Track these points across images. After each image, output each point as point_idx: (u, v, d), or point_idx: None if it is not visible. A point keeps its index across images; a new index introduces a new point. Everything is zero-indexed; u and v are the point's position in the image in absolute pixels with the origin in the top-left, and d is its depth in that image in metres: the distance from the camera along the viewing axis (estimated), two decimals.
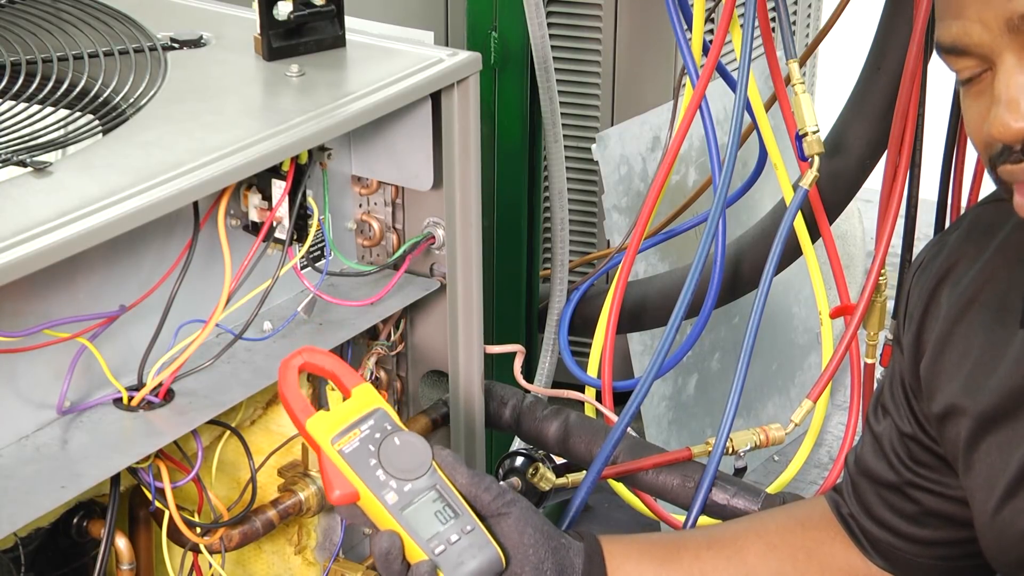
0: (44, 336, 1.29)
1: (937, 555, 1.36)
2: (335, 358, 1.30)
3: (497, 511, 1.27)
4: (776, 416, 2.78)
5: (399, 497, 1.23)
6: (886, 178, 2.01)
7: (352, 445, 1.25)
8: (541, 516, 1.30)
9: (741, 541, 1.40)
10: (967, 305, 1.27)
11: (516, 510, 1.27)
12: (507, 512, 1.27)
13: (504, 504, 1.27)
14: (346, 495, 1.24)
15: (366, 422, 1.26)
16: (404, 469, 1.25)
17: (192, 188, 1.28)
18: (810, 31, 2.91)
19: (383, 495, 1.24)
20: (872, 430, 1.38)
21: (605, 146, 2.40)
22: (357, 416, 1.26)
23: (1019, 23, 1.05)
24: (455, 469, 1.27)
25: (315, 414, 1.26)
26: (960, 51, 1.09)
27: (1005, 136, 1.07)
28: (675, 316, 1.93)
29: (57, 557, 1.46)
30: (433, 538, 1.23)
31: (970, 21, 1.07)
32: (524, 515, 1.27)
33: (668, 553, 1.38)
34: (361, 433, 1.25)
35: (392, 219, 1.63)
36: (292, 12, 1.51)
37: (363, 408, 1.27)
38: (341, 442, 1.25)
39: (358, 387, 1.28)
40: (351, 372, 1.30)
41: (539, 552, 1.27)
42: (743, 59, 1.97)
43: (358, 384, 1.29)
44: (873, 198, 2.23)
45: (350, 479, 1.24)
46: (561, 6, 2.50)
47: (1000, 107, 1.07)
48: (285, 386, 1.27)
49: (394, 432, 1.26)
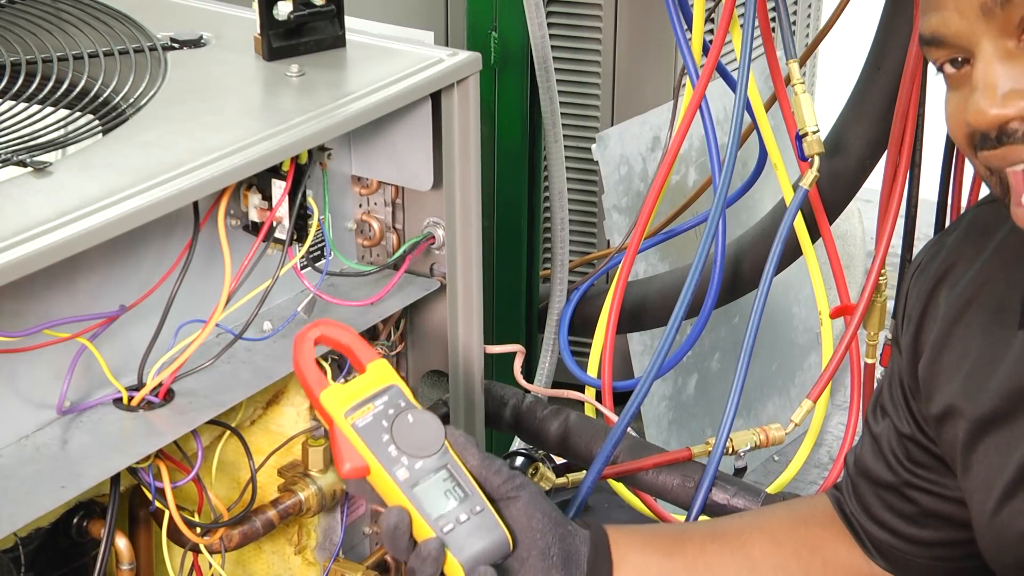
0: (44, 336, 1.29)
1: (936, 556, 1.36)
2: (351, 332, 1.29)
3: (507, 494, 1.27)
4: (776, 416, 2.78)
5: (410, 474, 1.23)
6: (886, 178, 2.02)
7: (365, 419, 1.24)
8: (550, 502, 1.30)
9: (746, 535, 1.40)
10: (965, 306, 1.27)
11: (526, 494, 1.27)
12: (516, 496, 1.27)
13: (514, 488, 1.27)
14: (356, 469, 1.24)
15: (380, 397, 1.26)
16: (416, 446, 1.24)
17: (192, 188, 1.28)
18: (810, 31, 2.91)
19: (394, 471, 1.23)
20: (871, 431, 1.38)
21: (605, 146, 2.40)
22: (371, 391, 1.26)
23: (992, 6, 1.06)
24: (466, 450, 1.26)
25: (329, 386, 1.25)
26: (939, 42, 1.11)
27: (980, 122, 1.09)
28: (675, 316, 1.93)
29: (57, 557, 1.46)
30: (442, 517, 1.23)
31: (948, 11, 1.09)
32: (533, 500, 1.27)
33: (673, 545, 1.39)
34: (375, 408, 1.25)
35: (392, 219, 1.63)
36: (292, 12, 1.51)
37: (378, 383, 1.27)
38: (354, 416, 1.24)
39: (373, 362, 1.28)
40: (367, 347, 1.29)
41: (546, 537, 1.27)
42: (743, 59, 1.97)
43: (373, 359, 1.28)
44: (873, 198, 2.23)
45: (362, 453, 1.23)
46: (561, 6, 2.50)
47: (977, 93, 1.08)
48: (300, 358, 1.27)
49: (407, 409, 1.26)
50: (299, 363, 1.27)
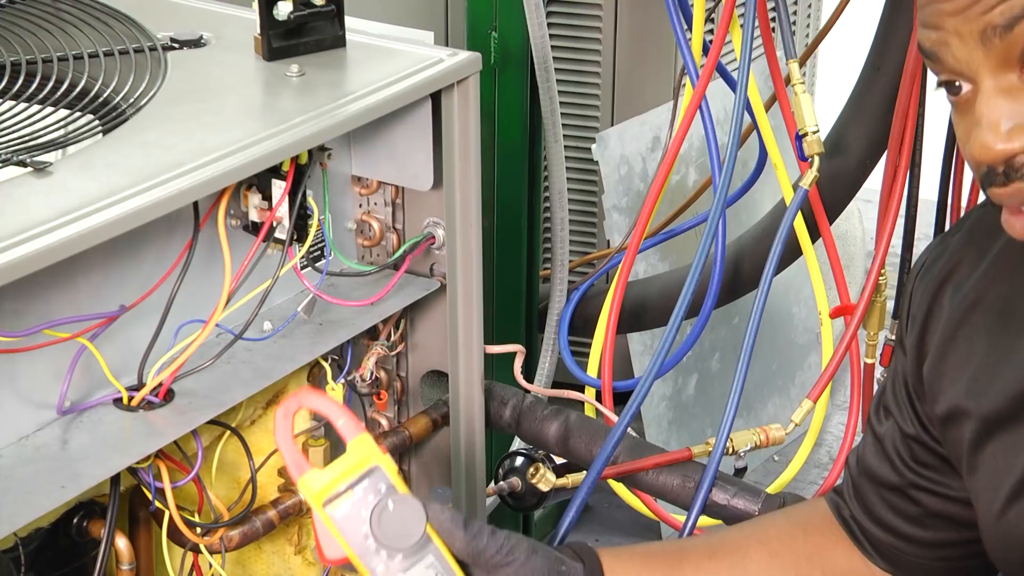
0: (44, 336, 1.29)
1: (939, 556, 1.36)
2: (333, 402, 1.22)
3: (501, 563, 1.25)
4: (776, 416, 2.78)
5: (387, 570, 1.19)
6: (886, 178, 2.01)
7: (343, 510, 1.19)
8: (543, 549, 1.29)
9: (743, 549, 1.40)
10: (970, 308, 1.26)
11: (520, 555, 1.26)
12: (511, 561, 1.26)
13: (507, 554, 1.25)
14: (337, 559, 1.21)
15: (360, 483, 1.20)
16: (396, 536, 1.19)
17: (192, 188, 1.28)
18: (810, 31, 2.91)
19: (373, 566, 1.20)
20: (874, 431, 1.38)
21: (605, 146, 2.40)
22: (352, 476, 1.20)
23: (991, 36, 1.04)
24: (451, 534, 1.24)
25: (308, 470, 1.19)
26: (939, 61, 1.09)
27: (985, 158, 1.07)
28: (675, 316, 1.93)
29: (57, 557, 1.46)
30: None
31: (947, 33, 1.07)
32: (527, 560, 1.27)
33: (670, 565, 1.38)
34: (354, 496, 1.19)
35: (392, 219, 1.63)
36: (292, 12, 1.51)
37: (359, 467, 1.20)
38: (333, 505, 1.19)
39: (355, 439, 1.21)
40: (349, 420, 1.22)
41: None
42: (743, 59, 1.97)
43: (356, 435, 1.21)
44: (873, 198, 2.23)
45: (341, 544, 1.20)
46: (561, 6, 2.50)
47: (981, 130, 1.07)
48: (279, 436, 1.20)
49: (388, 495, 1.20)
50: (278, 441, 1.20)
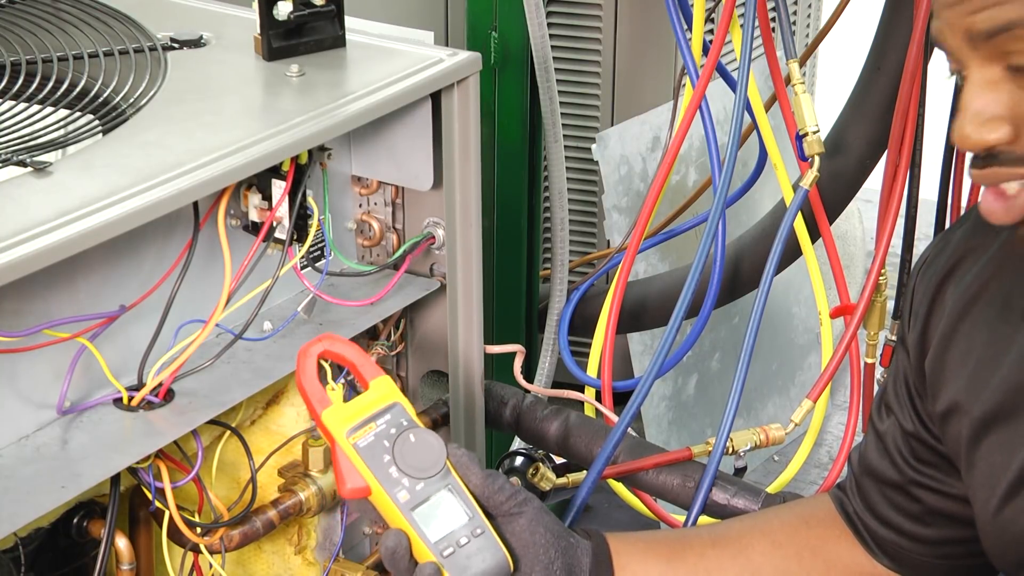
0: (44, 336, 1.29)
1: (941, 554, 1.36)
2: (355, 347, 1.28)
3: (510, 511, 1.27)
4: (776, 416, 2.78)
5: (411, 496, 1.23)
6: (886, 178, 2.01)
7: (367, 439, 1.23)
8: (552, 516, 1.30)
9: (746, 539, 1.40)
10: (971, 301, 1.27)
11: (529, 510, 1.28)
12: (520, 512, 1.27)
13: (517, 504, 1.27)
14: (357, 490, 1.23)
15: (382, 416, 1.25)
16: (418, 467, 1.24)
17: (192, 188, 1.28)
18: (810, 31, 2.91)
19: (395, 493, 1.23)
20: (876, 429, 1.38)
21: (605, 146, 2.40)
22: (374, 410, 1.25)
23: (975, 39, 1.07)
24: (469, 469, 1.27)
25: (331, 405, 1.25)
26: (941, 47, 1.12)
27: (963, 146, 1.10)
28: (675, 316, 1.93)
29: (57, 557, 1.46)
30: (442, 540, 1.23)
31: (943, 23, 1.10)
32: (536, 515, 1.28)
33: (673, 551, 1.39)
34: (377, 427, 1.24)
35: (392, 219, 1.63)
36: (292, 12, 1.51)
37: (380, 402, 1.26)
38: (356, 435, 1.23)
39: (376, 379, 1.27)
40: (370, 363, 1.28)
41: (549, 552, 1.28)
42: (743, 59, 1.97)
43: (377, 376, 1.27)
44: (873, 198, 2.23)
45: (363, 474, 1.23)
46: (561, 6, 2.50)
47: (962, 118, 1.10)
48: (303, 374, 1.26)
49: (410, 428, 1.25)
50: (301, 379, 1.26)
